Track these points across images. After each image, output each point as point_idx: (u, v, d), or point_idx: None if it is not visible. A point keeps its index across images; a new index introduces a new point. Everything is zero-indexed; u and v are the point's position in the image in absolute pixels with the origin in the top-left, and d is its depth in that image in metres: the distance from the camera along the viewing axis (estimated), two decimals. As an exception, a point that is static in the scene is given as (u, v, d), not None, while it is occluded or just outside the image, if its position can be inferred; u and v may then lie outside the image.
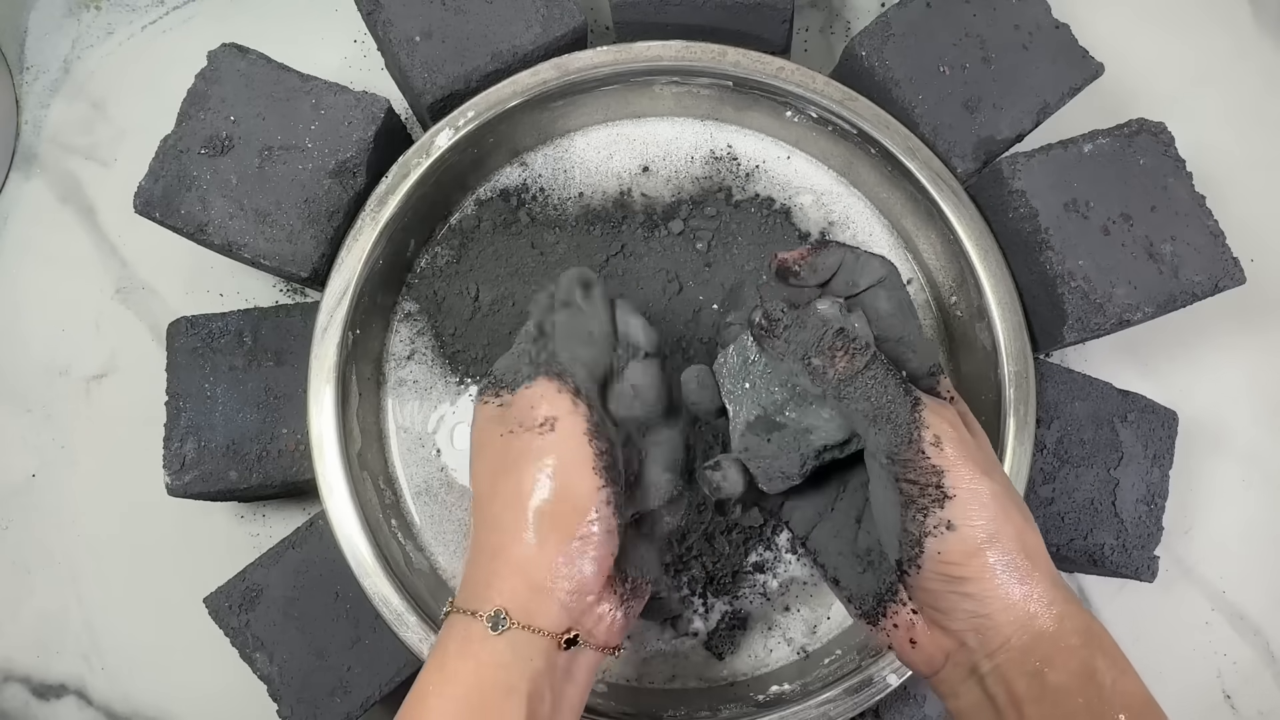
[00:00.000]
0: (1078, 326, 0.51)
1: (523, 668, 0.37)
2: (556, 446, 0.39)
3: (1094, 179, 0.53)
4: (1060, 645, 0.36)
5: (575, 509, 0.38)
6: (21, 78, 0.65)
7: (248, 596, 0.51)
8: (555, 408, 0.40)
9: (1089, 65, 0.55)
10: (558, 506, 0.38)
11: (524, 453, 0.39)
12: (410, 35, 0.55)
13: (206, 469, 0.52)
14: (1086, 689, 0.35)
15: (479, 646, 0.37)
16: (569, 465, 0.39)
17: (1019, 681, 0.36)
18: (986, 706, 0.37)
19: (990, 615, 0.36)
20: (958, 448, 0.37)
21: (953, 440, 0.37)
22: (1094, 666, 0.35)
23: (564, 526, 0.38)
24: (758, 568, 0.54)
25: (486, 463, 0.41)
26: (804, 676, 0.52)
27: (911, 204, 0.56)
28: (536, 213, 0.57)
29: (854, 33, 0.61)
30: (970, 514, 0.36)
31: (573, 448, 0.39)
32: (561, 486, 0.38)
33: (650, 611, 0.53)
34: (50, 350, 0.61)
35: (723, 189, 0.58)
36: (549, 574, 0.38)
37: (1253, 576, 0.59)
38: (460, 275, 0.57)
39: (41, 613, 0.58)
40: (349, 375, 0.53)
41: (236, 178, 0.52)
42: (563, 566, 0.38)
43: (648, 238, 0.57)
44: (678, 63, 0.55)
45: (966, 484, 0.36)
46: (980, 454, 0.38)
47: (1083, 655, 0.36)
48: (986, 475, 0.37)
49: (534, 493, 0.39)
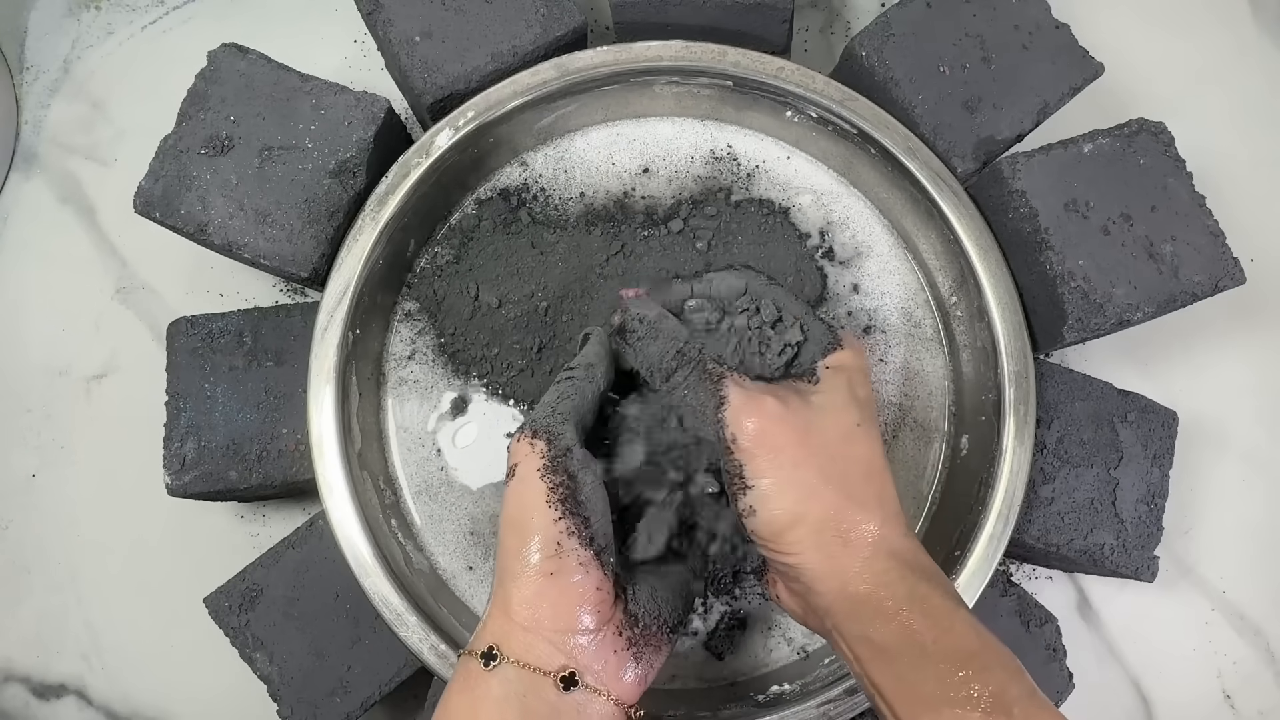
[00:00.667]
0: (1078, 326, 0.51)
1: (520, 705, 0.37)
2: (516, 489, 0.41)
3: (1094, 179, 0.53)
4: (878, 610, 0.39)
5: (540, 544, 0.39)
6: (21, 78, 0.65)
7: (248, 596, 0.51)
8: (516, 454, 0.42)
9: (1089, 65, 0.55)
10: (519, 544, 0.40)
11: (503, 503, 0.42)
12: (410, 35, 0.55)
13: (206, 469, 0.52)
14: (909, 649, 0.38)
15: (475, 684, 0.38)
16: (528, 504, 0.40)
17: (852, 643, 0.40)
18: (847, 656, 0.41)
19: (810, 585, 0.41)
20: (757, 441, 0.41)
21: (752, 434, 0.41)
22: (911, 628, 0.38)
23: (534, 563, 0.39)
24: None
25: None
26: (804, 676, 0.52)
27: (911, 204, 0.56)
28: (536, 212, 0.57)
29: (854, 33, 0.61)
30: (767, 501, 0.41)
31: (528, 487, 0.40)
32: (521, 525, 0.40)
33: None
34: (50, 350, 0.61)
35: (723, 189, 0.58)
36: (531, 611, 0.39)
37: (1253, 576, 0.59)
38: (460, 275, 0.57)
39: (41, 613, 0.58)
40: (349, 375, 0.53)
41: (236, 178, 0.52)
42: (543, 603, 0.39)
43: (648, 237, 0.57)
44: (678, 63, 0.55)
45: (762, 474, 0.41)
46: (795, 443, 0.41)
47: (899, 619, 0.38)
48: (791, 465, 0.41)
49: (505, 535, 0.41)
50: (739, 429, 0.41)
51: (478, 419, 0.56)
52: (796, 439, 0.41)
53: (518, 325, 0.56)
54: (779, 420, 0.42)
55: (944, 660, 0.37)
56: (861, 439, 0.43)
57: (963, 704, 0.36)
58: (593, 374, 0.45)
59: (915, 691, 0.37)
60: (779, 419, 0.42)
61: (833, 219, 0.58)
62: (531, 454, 0.41)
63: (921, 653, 0.37)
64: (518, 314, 0.56)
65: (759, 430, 0.41)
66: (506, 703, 0.37)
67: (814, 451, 0.41)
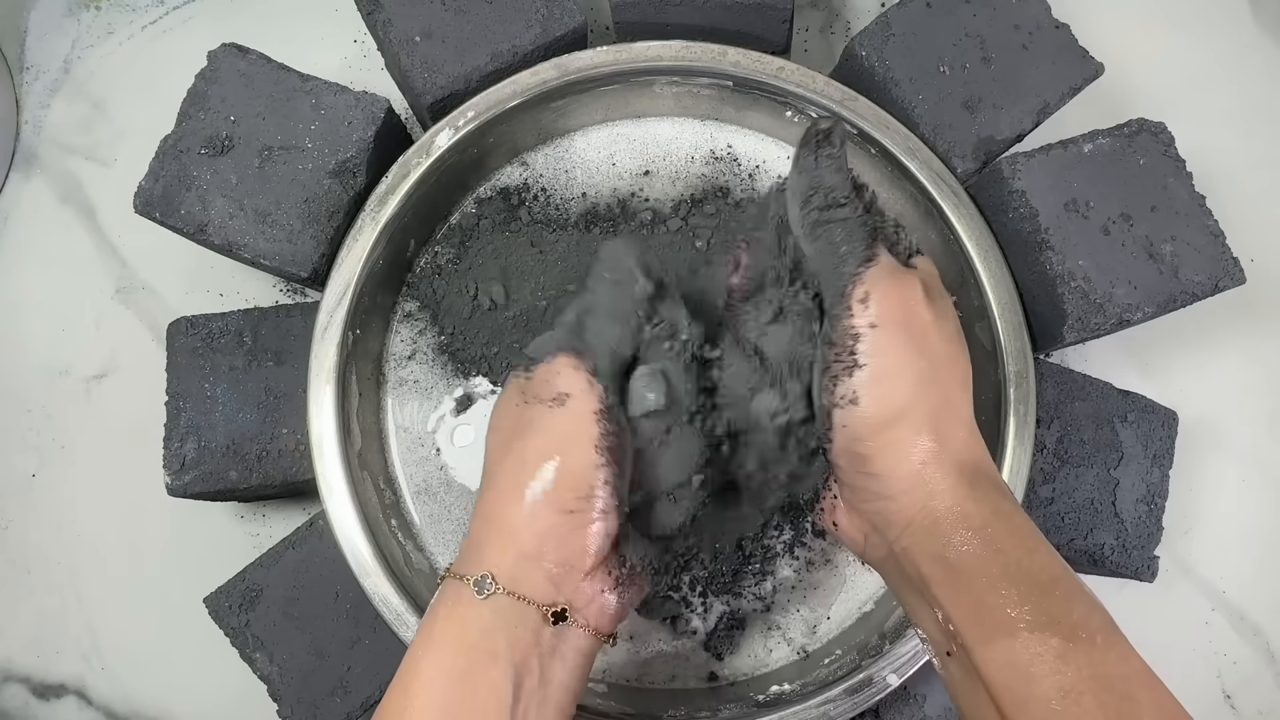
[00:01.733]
0: (1078, 326, 0.51)
1: (508, 635, 0.37)
2: (564, 421, 0.39)
3: (1094, 179, 0.53)
4: (962, 526, 0.36)
5: (572, 483, 0.38)
6: (21, 78, 0.65)
7: (248, 596, 0.51)
8: (570, 384, 0.40)
9: (1089, 65, 0.55)
10: (556, 479, 0.38)
11: (532, 424, 0.40)
12: (410, 35, 0.55)
13: (206, 469, 0.52)
14: (989, 569, 0.35)
15: (466, 610, 0.38)
16: (573, 440, 0.39)
17: (924, 563, 0.37)
18: (905, 582, 0.39)
19: (893, 497, 0.38)
20: (890, 311, 0.37)
21: (886, 301, 0.37)
22: (994, 547, 0.36)
23: (559, 499, 0.38)
24: (757, 568, 0.54)
25: (499, 432, 0.41)
26: (804, 676, 0.52)
27: (911, 204, 0.56)
28: (536, 212, 0.57)
29: (854, 33, 0.61)
30: (877, 388, 0.37)
31: (579, 424, 0.39)
32: (562, 460, 0.39)
33: (650, 611, 0.54)
34: (50, 350, 0.61)
35: (723, 188, 0.58)
36: (538, 543, 0.38)
37: (1253, 576, 0.59)
38: (460, 274, 0.57)
39: (41, 613, 0.58)
40: (349, 375, 0.53)
41: (236, 178, 0.52)
42: (552, 537, 0.38)
43: (647, 236, 0.57)
44: (678, 63, 0.55)
45: (881, 354, 0.37)
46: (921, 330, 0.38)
47: (986, 535, 0.36)
48: (913, 350, 0.37)
49: (535, 462, 0.39)
50: (876, 291, 0.37)
51: (477, 419, 0.56)
52: (925, 325, 0.38)
53: (518, 325, 0.56)
54: (919, 300, 0.38)
55: (1026, 583, 0.35)
56: (963, 351, 0.40)
57: (1043, 628, 0.34)
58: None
59: (991, 614, 0.35)
60: (919, 299, 0.39)
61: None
62: (590, 393, 0.39)
63: (1003, 573, 0.35)
64: (517, 313, 0.56)
65: (901, 301, 0.38)
66: (496, 632, 0.37)
67: (935, 343, 0.38)
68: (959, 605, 0.36)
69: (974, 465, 0.38)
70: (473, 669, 0.36)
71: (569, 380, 0.40)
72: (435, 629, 0.38)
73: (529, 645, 0.37)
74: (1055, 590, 0.35)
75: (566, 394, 0.40)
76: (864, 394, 0.37)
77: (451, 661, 0.37)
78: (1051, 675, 0.33)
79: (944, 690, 0.51)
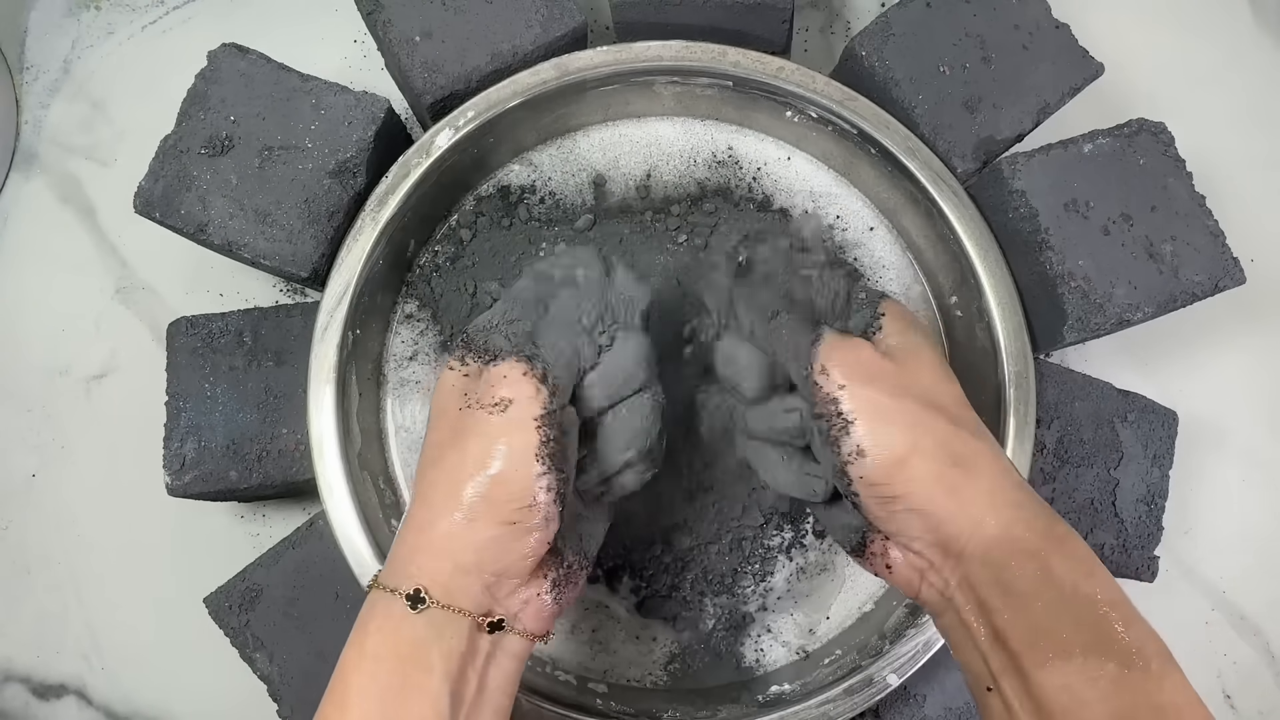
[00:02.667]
0: (1078, 326, 0.51)
1: (443, 647, 0.37)
2: (505, 429, 0.38)
3: (1094, 179, 0.53)
4: (1015, 549, 0.36)
5: (511, 493, 0.37)
6: (21, 78, 0.65)
7: (248, 596, 0.51)
8: (515, 390, 0.39)
9: (1089, 65, 0.55)
10: (494, 489, 0.37)
11: (472, 429, 0.38)
12: (410, 35, 0.55)
13: (206, 469, 0.52)
14: (1046, 592, 0.35)
15: (398, 624, 0.37)
16: (513, 449, 0.38)
17: (983, 590, 0.37)
18: (959, 625, 0.38)
19: (938, 528, 0.37)
20: (851, 372, 0.39)
21: (844, 366, 0.39)
22: (1052, 569, 0.36)
23: (497, 510, 0.37)
24: (757, 568, 0.54)
25: (438, 432, 0.40)
26: (804, 676, 0.52)
27: (911, 204, 0.56)
28: (535, 211, 0.57)
29: (854, 33, 0.61)
30: (876, 435, 0.38)
31: (520, 431, 0.38)
32: (501, 469, 0.38)
33: (650, 611, 0.54)
34: (50, 350, 0.61)
35: (722, 188, 0.58)
36: (476, 556, 0.37)
37: (1253, 576, 0.59)
38: (459, 273, 0.57)
39: (41, 613, 0.58)
40: (349, 375, 0.53)
41: (236, 178, 0.52)
42: (490, 549, 0.37)
43: (647, 236, 0.57)
44: (678, 63, 0.55)
45: (864, 404, 0.38)
46: (892, 375, 0.39)
47: (1041, 558, 0.36)
48: (890, 393, 0.38)
49: (472, 471, 0.38)
50: (834, 361, 0.39)
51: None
52: (892, 371, 0.39)
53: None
54: (870, 354, 0.40)
55: (1082, 607, 0.35)
56: (948, 376, 0.41)
57: (1100, 653, 0.34)
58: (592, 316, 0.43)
59: (1048, 638, 0.35)
60: (870, 353, 0.40)
61: (833, 219, 0.58)
62: (534, 400, 0.38)
63: (1059, 597, 0.35)
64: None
65: (854, 360, 0.39)
66: (430, 645, 0.36)
67: (910, 382, 0.39)
68: (1018, 628, 0.36)
69: (1013, 481, 0.38)
70: (408, 683, 0.36)
71: (515, 387, 0.39)
72: (367, 644, 0.37)
73: (465, 656, 0.37)
74: (1112, 616, 0.35)
75: (510, 400, 0.39)
76: (866, 442, 0.38)
77: (387, 677, 0.36)
78: (1106, 700, 0.33)
79: (944, 690, 0.51)
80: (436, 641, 0.37)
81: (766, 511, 0.54)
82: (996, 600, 0.36)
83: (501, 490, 0.37)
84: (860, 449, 0.38)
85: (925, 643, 0.50)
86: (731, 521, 0.54)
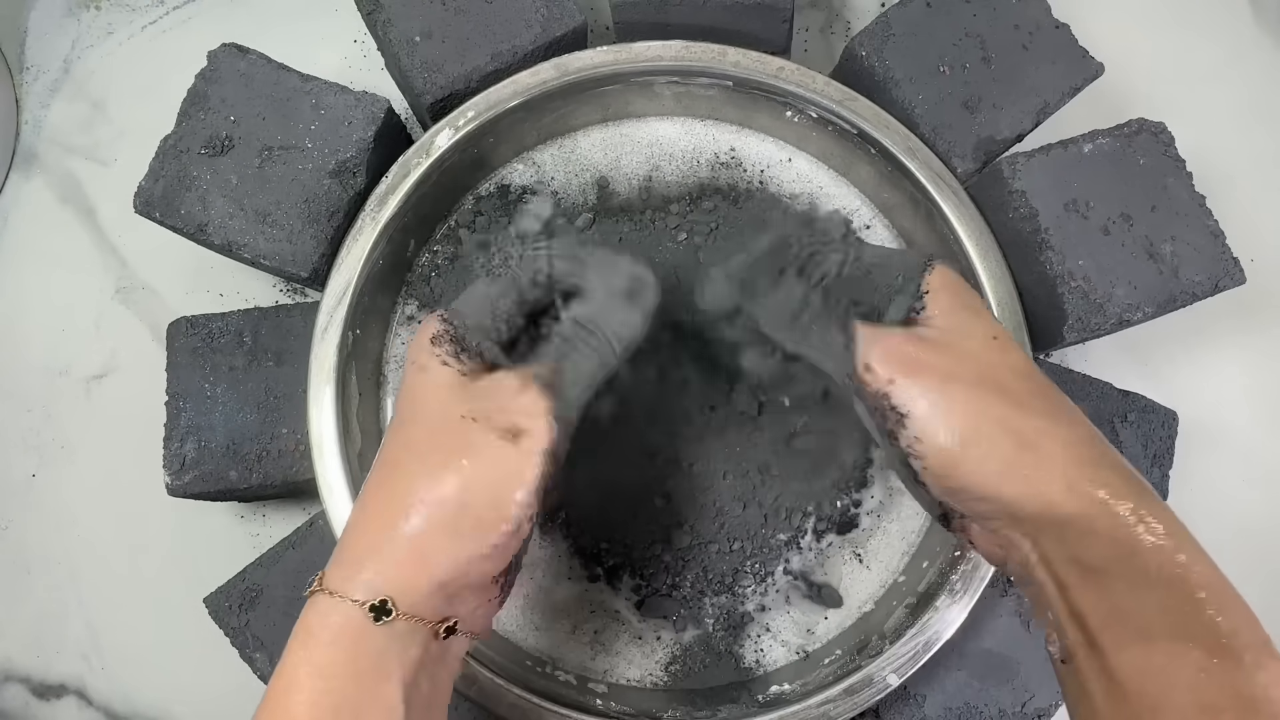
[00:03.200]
0: (1078, 326, 0.51)
1: (401, 655, 0.35)
2: (516, 461, 0.37)
3: (1094, 179, 0.53)
4: (1092, 527, 0.34)
5: (504, 517, 0.37)
6: (21, 78, 0.65)
7: (248, 596, 0.51)
8: (529, 420, 0.37)
9: (1089, 65, 0.55)
10: (488, 513, 0.36)
11: (477, 449, 0.37)
12: (410, 35, 0.55)
13: (206, 469, 0.52)
14: (1128, 572, 0.34)
15: (357, 636, 0.35)
16: (515, 479, 0.37)
17: (1060, 568, 0.36)
18: (1040, 599, 0.37)
19: (1008, 511, 0.36)
20: (896, 365, 0.37)
21: (887, 361, 0.37)
22: (1136, 547, 0.34)
23: (486, 534, 0.36)
24: (757, 568, 0.54)
25: (423, 430, 0.38)
26: (804, 676, 0.52)
27: (911, 204, 0.56)
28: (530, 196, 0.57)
29: (854, 33, 0.61)
30: (931, 428, 0.36)
31: (529, 465, 0.37)
32: (500, 496, 0.37)
33: (650, 611, 0.54)
34: (50, 350, 0.61)
35: (722, 188, 0.58)
36: (452, 571, 0.36)
37: (1253, 576, 0.59)
38: (459, 273, 0.57)
39: (41, 613, 0.58)
40: (349, 375, 0.53)
41: (236, 178, 0.52)
42: (468, 565, 0.36)
43: (646, 235, 0.57)
44: (678, 63, 0.55)
45: (917, 391, 0.37)
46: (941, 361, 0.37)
47: (1122, 536, 0.34)
48: (939, 378, 0.37)
49: (470, 493, 0.36)
50: (876, 356, 0.38)
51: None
52: (937, 356, 0.38)
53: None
54: (914, 342, 0.38)
55: (1169, 587, 0.33)
56: (1004, 346, 0.39)
57: (1185, 638, 0.32)
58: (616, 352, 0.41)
59: (1129, 619, 0.33)
60: (914, 341, 0.38)
61: (833, 219, 0.58)
62: (545, 433, 0.37)
63: (1144, 577, 0.33)
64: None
65: (898, 352, 0.38)
66: (389, 654, 0.35)
67: (962, 365, 0.37)
68: (1097, 609, 0.34)
69: (1092, 458, 0.36)
70: (364, 694, 0.35)
71: (530, 417, 0.38)
72: (318, 655, 0.35)
73: (419, 661, 0.36)
74: (1202, 598, 0.33)
75: (523, 430, 0.37)
76: (924, 434, 0.37)
77: (342, 692, 0.34)
78: (1190, 689, 0.32)
79: (944, 690, 0.51)
80: (395, 651, 0.35)
81: (768, 510, 0.54)
82: (1074, 578, 0.35)
83: (495, 515, 0.37)
84: (918, 438, 0.37)
85: (925, 643, 0.50)
86: (732, 520, 0.54)
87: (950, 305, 0.40)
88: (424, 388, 0.39)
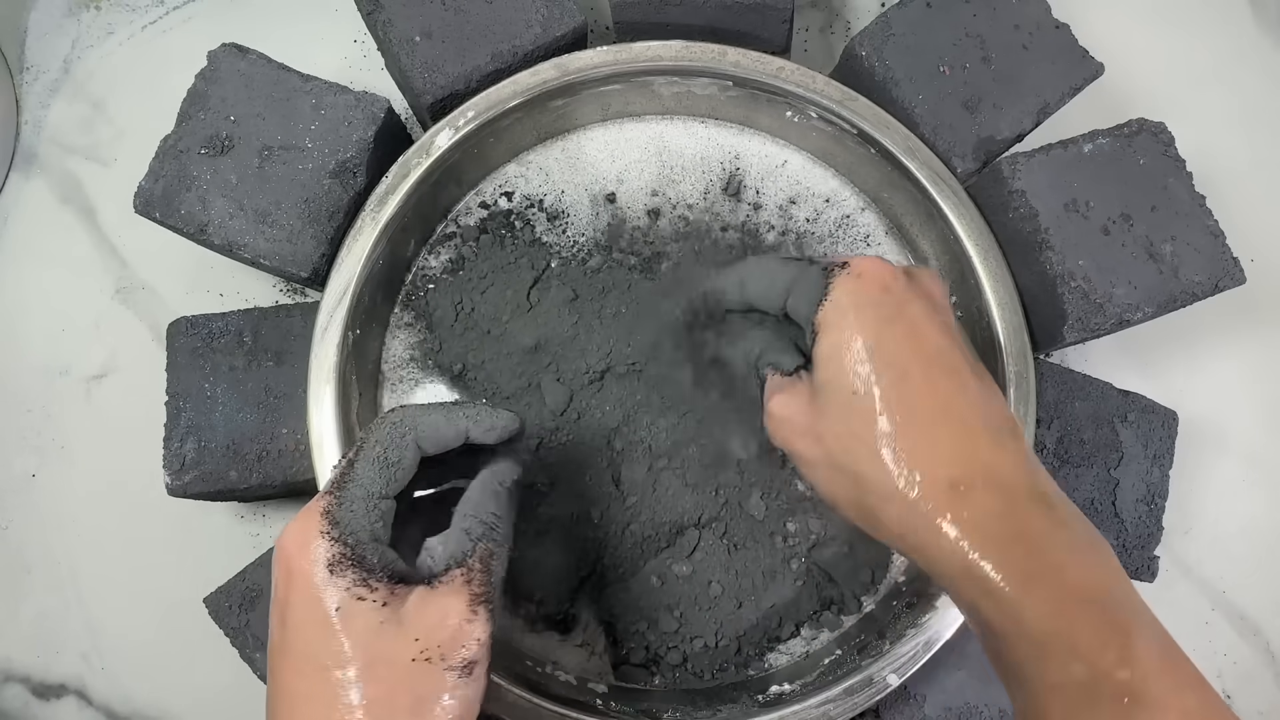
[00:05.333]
0: (1078, 326, 0.51)
1: None
2: (474, 691, 0.34)
3: (1094, 179, 0.53)
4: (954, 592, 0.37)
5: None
6: (21, 78, 0.65)
7: (248, 596, 0.51)
8: (481, 648, 0.34)
9: (1089, 65, 0.55)
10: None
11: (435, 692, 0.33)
12: (410, 35, 0.55)
13: (206, 469, 0.52)
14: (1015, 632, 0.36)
15: None
16: (473, 707, 0.35)
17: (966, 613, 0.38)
18: None
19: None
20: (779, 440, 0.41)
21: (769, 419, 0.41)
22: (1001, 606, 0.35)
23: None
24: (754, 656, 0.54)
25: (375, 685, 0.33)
26: (804, 676, 0.52)
27: (911, 204, 0.56)
28: (533, 211, 0.57)
29: (854, 33, 0.61)
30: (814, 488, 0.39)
31: (480, 687, 0.35)
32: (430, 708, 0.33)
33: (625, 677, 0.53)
34: (50, 350, 0.61)
35: (721, 189, 0.58)
36: None
37: (1253, 576, 0.59)
38: (458, 282, 0.57)
39: (41, 613, 0.58)
40: (349, 375, 0.52)
41: (236, 178, 0.52)
42: None
43: (646, 234, 0.57)
44: (678, 63, 0.55)
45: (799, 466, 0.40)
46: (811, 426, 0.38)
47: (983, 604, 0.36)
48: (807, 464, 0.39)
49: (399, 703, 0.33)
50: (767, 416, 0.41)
51: (478, 419, 0.55)
52: (803, 428, 0.39)
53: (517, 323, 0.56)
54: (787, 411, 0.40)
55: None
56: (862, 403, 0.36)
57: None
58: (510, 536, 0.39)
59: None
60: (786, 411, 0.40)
61: (833, 219, 0.58)
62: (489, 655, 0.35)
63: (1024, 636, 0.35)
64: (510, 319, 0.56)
65: (775, 415, 0.40)
66: None
67: (818, 437, 0.38)
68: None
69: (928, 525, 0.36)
70: None
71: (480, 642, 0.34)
72: None
73: None
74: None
75: (475, 661, 0.34)
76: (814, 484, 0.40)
77: None
78: None
79: (944, 690, 0.51)
80: None
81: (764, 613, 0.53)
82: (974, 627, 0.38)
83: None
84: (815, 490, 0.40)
85: (925, 643, 0.50)
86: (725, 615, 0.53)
87: (827, 352, 0.38)
88: (351, 633, 0.33)
